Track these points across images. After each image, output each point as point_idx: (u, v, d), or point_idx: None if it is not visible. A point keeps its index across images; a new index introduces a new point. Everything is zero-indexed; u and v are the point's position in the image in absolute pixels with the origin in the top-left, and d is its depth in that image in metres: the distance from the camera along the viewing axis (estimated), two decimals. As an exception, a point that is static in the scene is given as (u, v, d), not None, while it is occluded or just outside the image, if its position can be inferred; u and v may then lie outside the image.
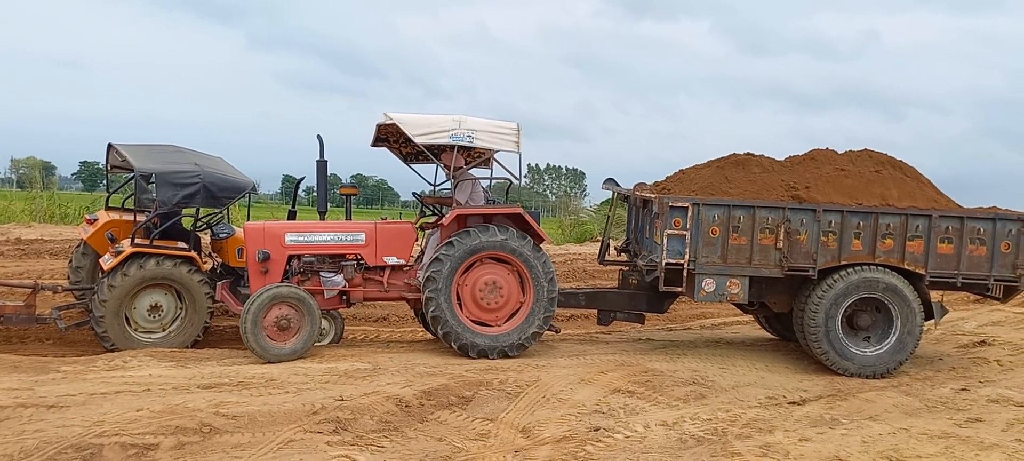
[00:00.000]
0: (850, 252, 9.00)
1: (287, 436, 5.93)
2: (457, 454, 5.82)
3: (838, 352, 9.02)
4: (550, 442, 6.15)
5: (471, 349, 9.00)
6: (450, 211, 9.22)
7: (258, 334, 8.51)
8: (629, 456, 5.88)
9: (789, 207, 8.94)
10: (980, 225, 9.03)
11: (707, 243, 8.91)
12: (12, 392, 6.67)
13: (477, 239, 9.01)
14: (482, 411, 6.96)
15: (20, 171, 60.68)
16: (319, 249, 9.38)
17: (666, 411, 7.22)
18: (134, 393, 6.82)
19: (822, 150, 10.02)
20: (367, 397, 6.96)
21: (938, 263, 9.04)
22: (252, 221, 9.80)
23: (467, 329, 9.04)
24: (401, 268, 9.62)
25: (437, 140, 9.07)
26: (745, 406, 7.53)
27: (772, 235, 8.92)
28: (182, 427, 5.86)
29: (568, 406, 7.18)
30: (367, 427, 6.28)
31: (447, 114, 9.12)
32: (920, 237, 9.00)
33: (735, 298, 9.10)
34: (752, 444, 6.30)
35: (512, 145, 9.22)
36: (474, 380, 7.80)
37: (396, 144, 10.30)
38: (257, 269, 9.20)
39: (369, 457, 5.60)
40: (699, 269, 8.91)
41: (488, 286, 9.14)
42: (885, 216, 8.99)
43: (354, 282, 9.42)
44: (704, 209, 8.89)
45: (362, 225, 9.63)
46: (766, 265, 8.98)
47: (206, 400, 6.63)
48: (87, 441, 5.50)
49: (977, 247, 9.04)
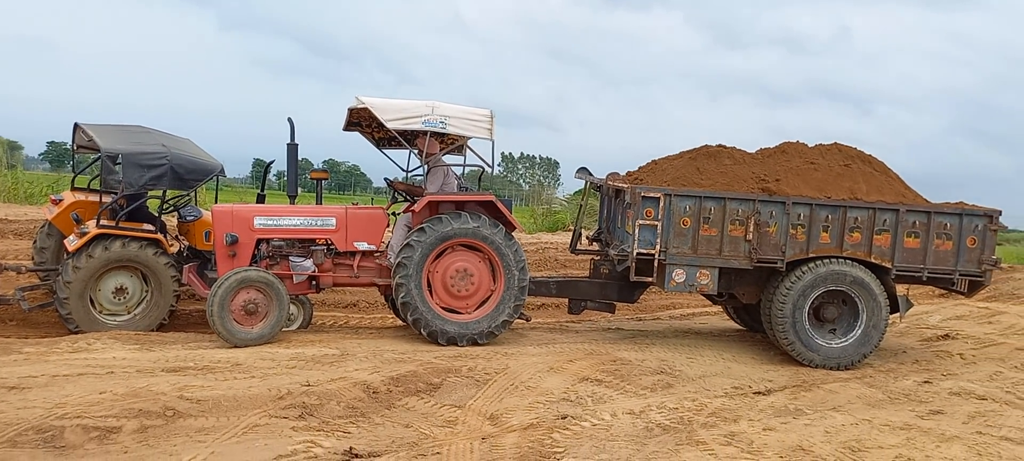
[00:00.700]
0: (818, 245, 9.09)
1: (252, 421, 5.88)
2: (424, 440, 5.81)
3: (804, 343, 9.11)
4: (517, 429, 6.16)
5: (441, 336, 8.97)
6: (422, 197, 9.16)
7: (225, 318, 8.41)
8: (595, 444, 5.90)
9: (759, 199, 9.01)
10: (947, 220, 9.14)
11: (678, 234, 8.96)
12: (-29, 373, 6.55)
13: (448, 226, 8.96)
14: (450, 398, 6.95)
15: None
16: (288, 233, 9.28)
17: (633, 400, 7.26)
18: (97, 375, 6.73)
19: (793, 143, 10.11)
20: (334, 383, 6.92)
21: (905, 257, 9.15)
22: (220, 204, 9.65)
23: (437, 316, 9.01)
24: (371, 254, 9.55)
25: (410, 125, 9.00)
26: (711, 395, 7.59)
27: (742, 227, 8.99)
28: (145, 410, 5.80)
29: (536, 394, 7.20)
30: (333, 413, 6.25)
31: (420, 99, 9.05)
32: (887, 231, 9.10)
33: (705, 289, 9.16)
34: (717, 433, 6.35)
35: (485, 132, 9.17)
36: (443, 367, 7.79)
37: (368, 129, 10.22)
38: (225, 253, 9.09)
39: (335, 443, 5.57)
40: (670, 259, 8.96)
41: (459, 273, 9.11)
42: (853, 209, 9.08)
43: (324, 267, 9.35)
44: (676, 200, 8.93)
45: (332, 210, 9.54)
46: (736, 257, 9.05)
47: (170, 384, 6.55)
48: (49, 423, 5.42)
49: (943, 242, 9.15)
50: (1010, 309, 14.07)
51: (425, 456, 5.48)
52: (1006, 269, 19.62)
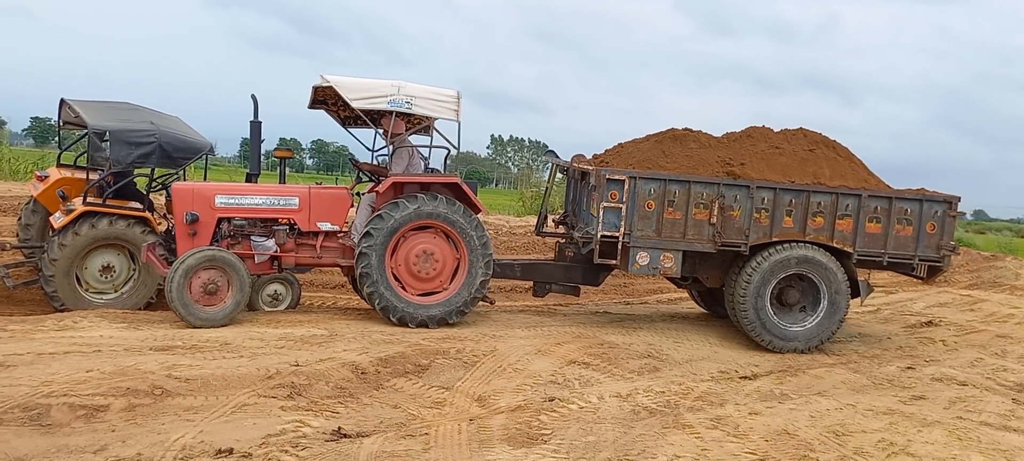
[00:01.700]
0: (781, 229, 9.13)
1: (240, 400, 5.89)
2: (412, 421, 5.83)
3: (765, 327, 9.16)
4: (505, 411, 6.20)
5: (410, 320, 8.89)
6: (386, 179, 9.07)
7: (184, 298, 8.23)
8: (582, 426, 5.94)
9: (723, 183, 9.03)
10: (908, 206, 9.22)
11: (642, 217, 8.96)
12: (-43, 350, 6.52)
13: (407, 209, 8.86)
14: (438, 379, 6.97)
15: (-31, 126, 59.01)
16: (250, 213, 9.13)
17: (620, 383, 7.30)
18: (84, 354, 6.71)
19: (758, 128, 10.17)
20: (323, 363, 6.94)
21: (866, 242, 9.22)
22: (181, 182, 9.49)
23: (403, 300, 8.92)
24: (335, 234, 9.42)
25: (375, 105, 8.88)
26: (697, 380, 7.65)
27: (706, 210, 9.00)
28: (133, 389, 5.79)
29: (524, 376, 7.23)
30: (322, 393, 6.26)
31: (386, 79, 8.94)
32: (850, 216, 9.16)
33: (668, 272, 9.19)
34: (703, 417, 6.41)
35: (452, 113, 9.08)
36: (431, 349, 7.81)
37: (334, 107, 10.06)
38: (185, 231, 8.92)
39: (323, 423, 5.58)
40: (634, 242, 8.96)
41: (422, 255, 9.03)
42: (816, 194, 9.13)
43: (286, 247, 9.21)
44: (640, 183, 8.92)
45: (295, 189, 9.41)
46: (699, 240, 9.06)
47: (158, 362, 6.55)
48: (35, 401, 5.40)
49: (904, 227, 9.23)
50: (992, 297, 14.24)
51: (413, 437, 5.50)
52: (988, 257, 19.82)
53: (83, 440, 4.91)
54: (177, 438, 5.05)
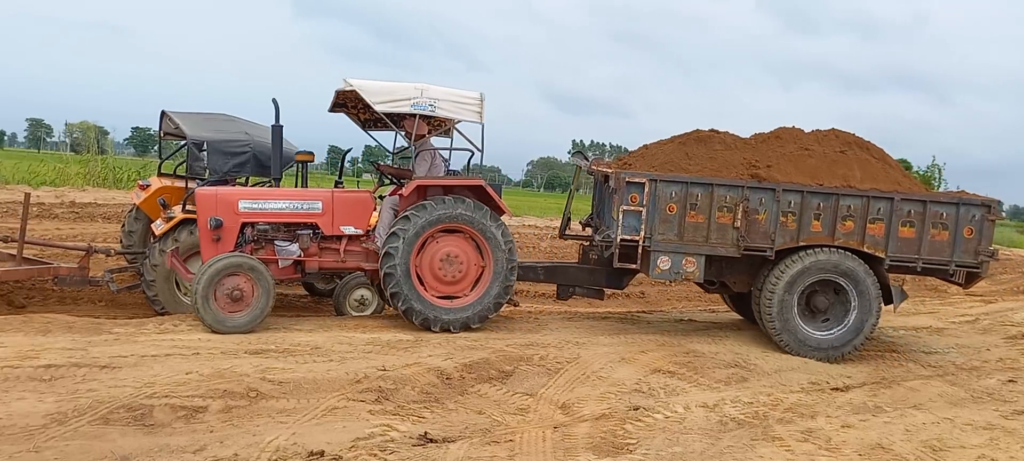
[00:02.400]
0: (809, 233, 8.90)
1: (331, 403, 6.04)
2: (496, 427, 5.88)
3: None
4: (589, 419, 6.18)
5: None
6: (410, 182, 8.97)
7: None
8: (668, 437, 5.88)
9: (748, 186, 8.82)
10: (943, 209, 8.90)
11: (664, 220, 8.81)
12: (67, 352, 6.88)
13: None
14: (522, 386, 7.01)
15: (74, 136, 62.15)
16: (273, 217, 9.06)
17: (707, 393, 7.20)
18: (184, 356, 7.00)
19: (788, 128, 9.92)
20: (409, 368, 7.05)
21: (899, 247, 8.92)
22: (203, 187, 9.44)
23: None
24: (358, 238, 9.31)
25: (398, 108, 8.82)
26: (787, 390, 7.48)
27: (730, 214, 8.81)
28: (230, 391, 6.01)
29: (608, 384, 7.20)
30: (408, 398, 6.37)
31: (410, 82, 8.87)
32: (881, 220, 8.87)
33: (691, 277, 9.01)
34: (793, 429, 6.27)
35: (475, 115, 8.99)
36: (514, 355, 7.86)
37: (355, 110, 9.99)
38: (209, 237, 8.87)
39: (410, 427, 5.68)
40: (655, 246, 8.82)
41: (447, 259, 8.94)
42: (846, 197, 8.87)
43: (309, 251, 9.15)
44: (661, 185, 8.78)
45: (318, 193, 9.35)
46: (723, 244, 8.87)
47: (253, 365, 6.78)
48: (138, 401, 5.66)
49: (939, 231, 8.90)
50: (1104, 307, 13.48)
51: (498, 443, 5.54)
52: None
53: (183, 440, 5.12)
54: (271, 439, 5.21)
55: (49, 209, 13.51)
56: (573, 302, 12.35)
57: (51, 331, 7.72)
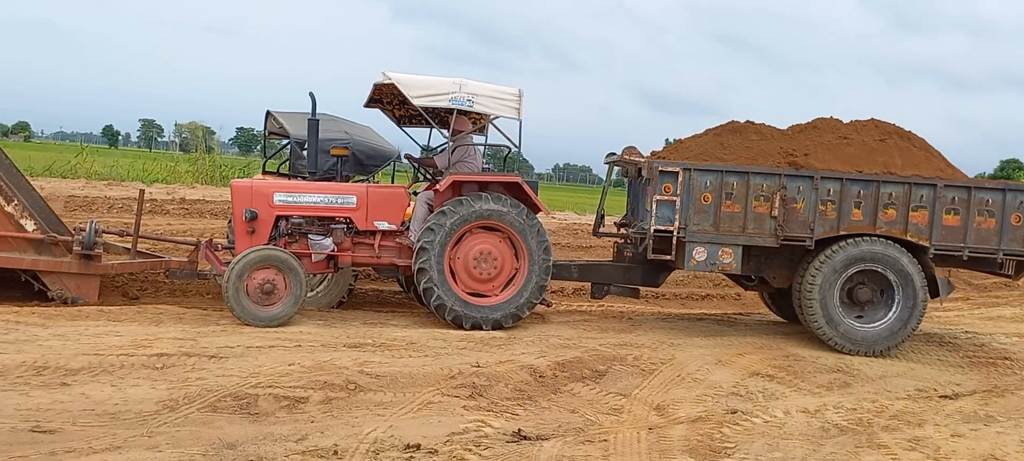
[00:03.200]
0: (850, 222, 8.63)
1: (426, 398, 6.13)
2: (590, 427, 5.84)
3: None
4: (685, 422, 6.08)
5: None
6: (446, 177, 8.85)
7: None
8: (768, 442, 5.73)
9: (785, 173, 8.59)
10: (989, 196, 8.60)
11: (698, 210, 8.61)
12: (177, 341, 7.19)
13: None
14: (616, 386, 6.95)
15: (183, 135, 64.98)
16: (308, 211, 9.00)
17: (808, 398, 6.99)
18: (286, 348, 7.22)
19: (826, 119, 9.66)
20: (502, 365, 7.09)
21: (944, 235, 8.61)
22: (239, 178, 9.40)
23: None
24: (392, 233, 9.21)
25: (436, 102, 8.76)
26: (892, 397, 7.19)
27: (767, 203, 8.57)
28: (330, 383, 6.17)
29: (704, 386, 7.08)
30: (502, 394, 6.40)
31: (448, 77, 8.79)
32: (924, 207, 8.60)
33: (727, 268, 8.80)
34: (900, 437, 6.01)
35: (513, 111, 8.84)
36: (608, 355, 7.81)
37: (390, 106, 9.97)
38: (243, 229, 8.86)
39: (504, 424, 5.70)
40: (690, 237, 8.62)
41: (482, 256, 8.83)
42: (887, 185, 8.61)
43: (343, 246, 9.04)
44: (695, 175, 8.59)
45: (353, 187, 9.29)
46: (760, 234, 8.63)
47: (351, 359, 6.94)
48: (244, 391, 5.86)
49: (986, 219, 8.59)
50: None
51: (592, 442, 5.50)
52: None
53: (286, 429, 5.27)
54: (369, 431, 5.31)
55: (161, 205, 14.08)
56: (666, 303, 12.21)
57: (163, 321, 8.09)
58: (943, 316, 12.36)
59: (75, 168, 21.29)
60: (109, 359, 6.40)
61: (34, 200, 9.09)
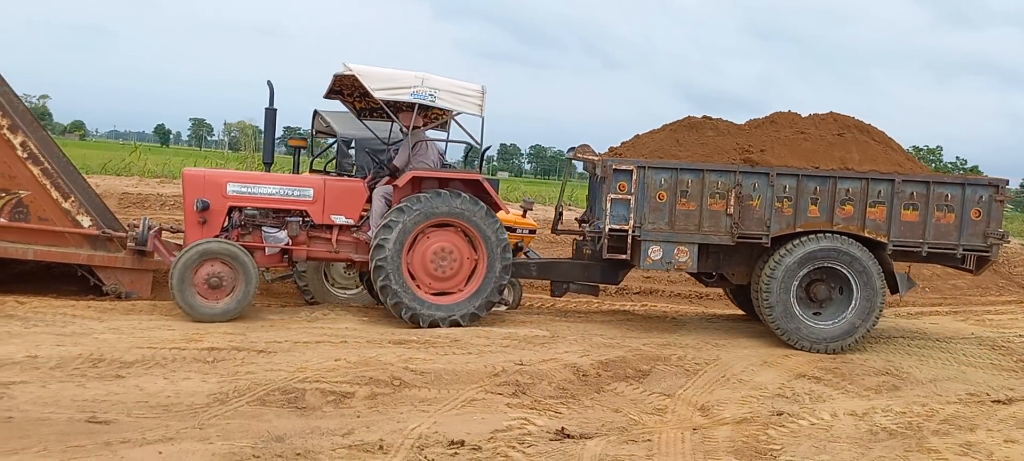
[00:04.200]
0: (807, 219, 8.57)
1: (470, 395, 6.17)
2: (634, 426, 5.83)
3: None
4: (730, 423, 6.03)
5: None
6: (405, 173, 8.62)
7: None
8: (815, 444, 5.66)
9: (740, 170, 8.51)
10: (948, 191, 8.57)
11: (653, 208, 8.54)
12: (227, 336, 7.34)
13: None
14: (659, 386, 6.92)
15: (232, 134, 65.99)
16: (262, 202, 8.77)
17: (855, 400, 6.89)
18: (332, 344, 7.32)
19: (784, 113, 9.57)
20: (545, 363, 7.10)
21: (902, 231, 8.58)
22: (192, 168, 9.13)
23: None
24: (349, 228, 8.97)
25: (397, 96, 8.55)
26: (943, 401, 7.04)
27: (723, 200, 8.50)
28: (375, 378, 6.24)
29: (749, 387, 7.01)
30: (545, 392, 6.41)
31: (410, 71, 8.58)
32: (882, 203, 8.53)
33: (684, 267, 8.72)
34: (951, 442, 5.90)
35: (475, 108, 8.65)
36: (651, 354, 7.78)
37: (351, 97, 9.70)
38: (194, 219, 8.62)
39: (547, 422, 5.71)
40: (645, 235, 8.54)
41: (440, 254, 8.61)
42: (844, 180, 8.55)
43: (298, 240, 8.80)
44: (650, 172, 8.50)
45: (310, 180, 9.10)
46: (716, 232, 8.56)
47: (396, 355, 7.01)
48: (292, 385, 5.96)
49: (945, 214, 8.58)
50: None
51: (635, 442, 5.49)
52: None
53: (333, 423, 5.35)
54: (414, 427, 5.37)
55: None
56: (710, 303, 12.11)
57: (213, 316, 8.24)
58: (995, 319, 12.09)
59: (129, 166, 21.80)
60: (162, 352, 6.57)
61: (90, 197, 9.32)
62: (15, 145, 8.85)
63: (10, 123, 8.89)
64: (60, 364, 6.11)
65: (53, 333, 7.05)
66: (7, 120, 8.88)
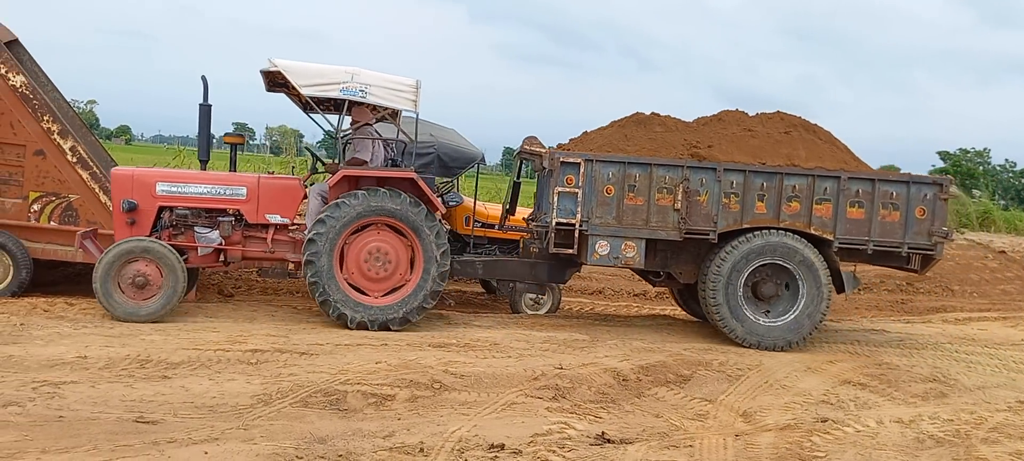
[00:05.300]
0: (754, 215, 8.56)
1: (509, 398, 6.17)
2: (675, 432, 5.79)
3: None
4: (773, 429, 5.96)
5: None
6: (339, 170, 8.47)
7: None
8: (860, 452, 5.57)
9: (688, 165, 8.51)
10: (893, 189, 8.58)
11: (601, 203, 8.50)
12: (270, 338, 7.44)
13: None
14: (701, 391, 6.86)
15: (274, 138, 66.87)
16: (193, 202, 8.61)
17: (902, 407, 6.76)
18: (373, 346, 7.38)
19: (732, 111, 9.58)
20: (585, 367, 7.08)
21: (848, 229, 8.58)
22: (120, 167, 9.13)
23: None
24: (285, 227, 8.79)
25: (326, 92, 8.40)
26: (992, 408, 6.88)
27: (670, 195, 8.48)
28: (415, 381, 6.28)
29: (792, 394, 6.92)
30: (585, 397, 6.39)
31: (339, 66, 8.40)
32: (828, 200, 8.55)
33: (631, 262, 8.66)
34: (1001, 451, 5.76)
35: (409, 103, 8.44)
36: (692, 359, 7.71)
37: (294, 91, 9.13)
38: (123, 220, 8.46)
39: (587, 426, 5.69)
40: (592, 230, 8.50)
41: (374, 254, 8.39)
42: (791, 177, 8.53)
43: (232, 239, 8.64)
44: (598, 166, 8.46)
45: (243, 178, 8.92)
46: (664, 227, 8.54)
47: (436, 358, 7.05)
48: (334, 387, 6.02)
49: (890, 212, 8.59)
50: None
51: (677, 447, 5.45)
52: None
53: (374, 426, 5.39)
54: (454, 430, 5.38)
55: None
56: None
57: (256, 318, 8.38)
58: (1048, 325, 11.78)
59: (173, 169, 22.10)
60: (207, 354, 6.68)
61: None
62: (65, 150, 9.08)
63: (60, 128, 9.12)
64: (109, 365, 6.24)
65: (102, 334, 7.20)
66: (57, 126, 9.11)
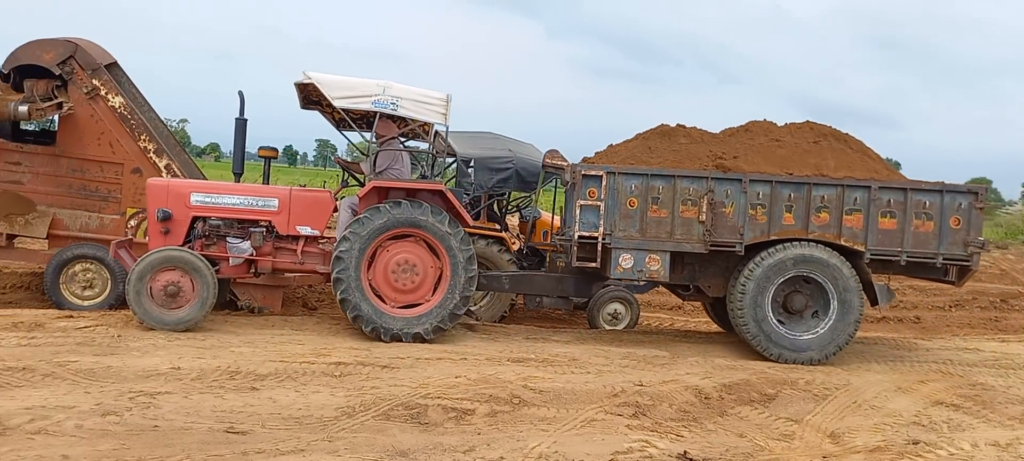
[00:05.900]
0: (781, 226, 8.35)
1: (589, 415, 6.15)
2: (759, 452, 5.67)
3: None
4: (862, 451, 5.78)
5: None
6: (367, 182, 8.51)
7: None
8: (954, 476, 5.36)
9: (713, 176, 8.30)
10: (926, 198, 8.34)
11: (624, 215, 8.31)
12: (353, 351, 7.58)
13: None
14: (786, 411, 6.70)
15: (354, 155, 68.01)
16: (226, 213, 8.67)
17: (998, 430, 6.47)
18: (453, 361, 7.45)
19: (760, 122, 9.26)
20: (666, 385, 7.00)
21: (880, 239, 8.34)
22: (155, 178, 9.26)
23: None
24: (316, 239, 8.82)
25: (358, 105, 8.41)
26: (1098, 434, 6.53)
27: (695, 207, 8.26)
28: (495, 396, 6.31)
29: (882, 414, 6.70)
30: (665, 415, 6.32)
31: (373, 79, 8.42)
32: (859, 210, 8.32)
33: (655, 276, 8.42)
34: (1109, 480, 5.47)
35: (440, 116, 8.46)
36: (777, 378, 7.55)
37: (328, 108, 9.27)
38: (157, 229, 8.58)
39: (669, 445, 5.62)
40: (615, 243, 8.29)
41: (402, 266, 8.35)
42: (819, 187, 8.33)
43: (263, 251, 8.67)
44: (620, 178, 8.29)
45: (275, 190, 9.00)
46: (689, 240, 8.31)
47: (515, 373, 7.07)
48: (415, 400, 6.10)
49: (923, 222, 8.35)
50: None
51: (761, 468, 5.35)
52: None
53: (454, 440, 5.44)
54: (534, 446, 5.39)
55: (336, 221, 14.95)
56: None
57: (339, 332, 8.55)
58: None
59: (259, 186, 22.72)
60: (293, 366, 6.85)
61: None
62: (160, 168, 9.47)
63: (156, 147, 9.52)
64: (200, 376, 6.46)
65: (194, 346, 7.45)
66: (153, 145, 9.51)
